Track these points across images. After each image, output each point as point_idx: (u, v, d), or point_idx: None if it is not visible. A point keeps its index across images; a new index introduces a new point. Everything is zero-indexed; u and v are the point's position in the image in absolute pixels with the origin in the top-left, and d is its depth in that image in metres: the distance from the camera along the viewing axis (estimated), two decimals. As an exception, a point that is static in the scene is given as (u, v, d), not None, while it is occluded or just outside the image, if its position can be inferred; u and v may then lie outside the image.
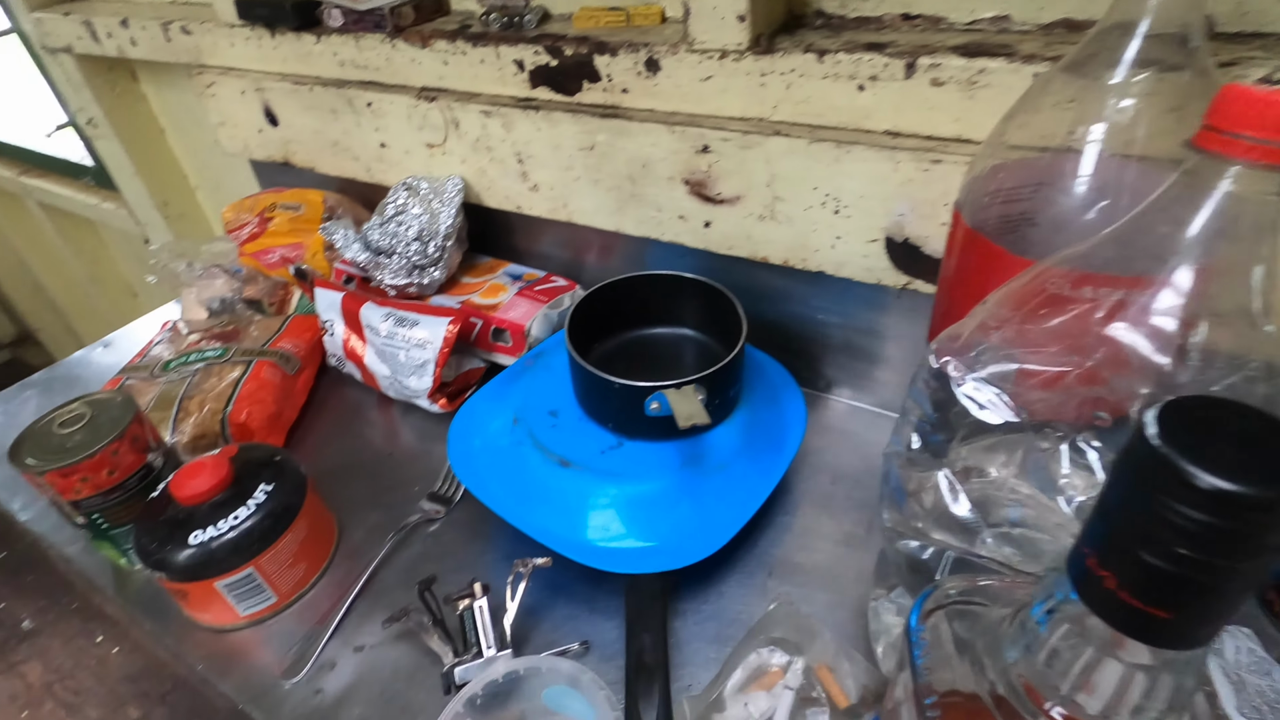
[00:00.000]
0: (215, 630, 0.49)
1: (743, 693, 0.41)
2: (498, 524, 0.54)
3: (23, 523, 0.61)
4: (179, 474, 0.47)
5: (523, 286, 0.67)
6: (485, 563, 0.52)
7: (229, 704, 0.46)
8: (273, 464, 0.50)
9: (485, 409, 0.55)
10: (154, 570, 0.46)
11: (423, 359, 0.61)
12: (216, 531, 0.46)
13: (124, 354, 0.79)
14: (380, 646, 0.47)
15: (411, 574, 0.52)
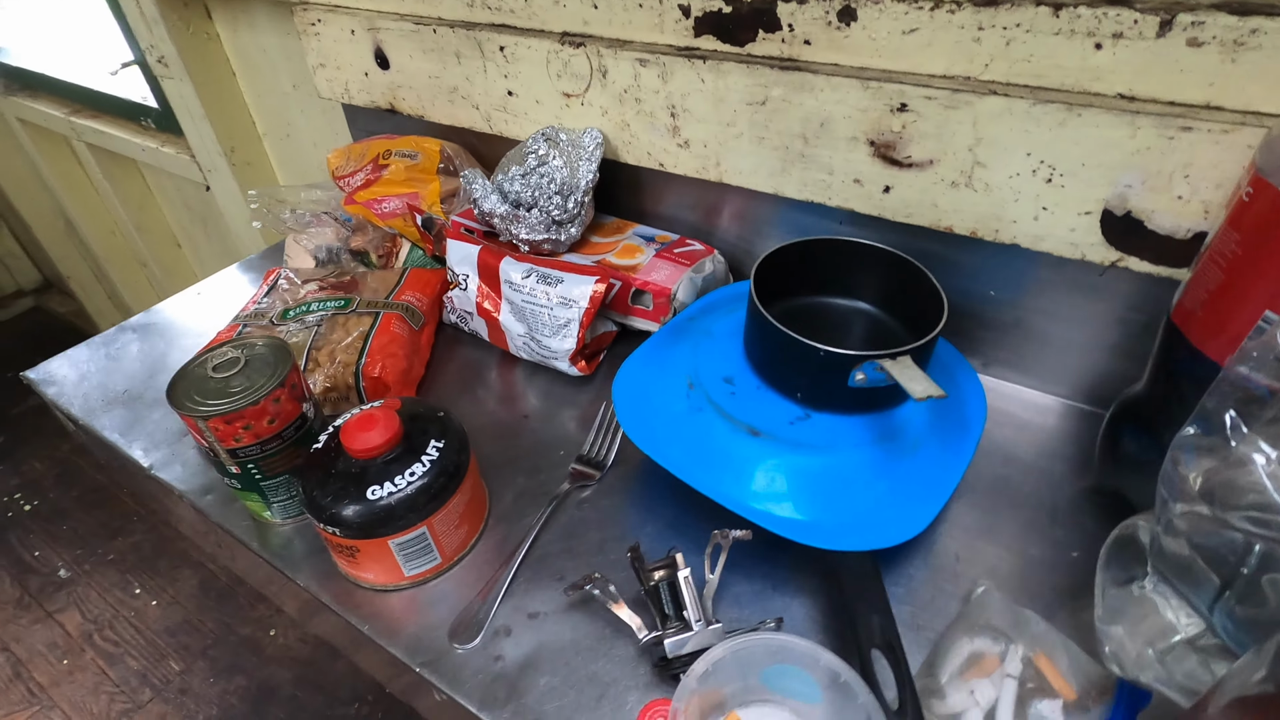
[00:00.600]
0: (375, 589, 0.47)
1: (963, 679, 0.39)
2: (657, 491, 0.52)
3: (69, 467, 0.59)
4: (349, 426, 0.45)
5: (659, 249, 0.64)
6: (647, 532, 0.50)
7: (280, 677, 0.44)
8: (438, 420, 0.48)
9: (649, 373, 0.52)
10: (326, 525, 0.43)
11: (566, 318, 0.58)
12: (394, 488, 0.43)
13: (218, 302, 0.76)
14: (556, 614, 0.45)
15: (570, 540, 0.50)
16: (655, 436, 0.48)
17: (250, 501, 0.51)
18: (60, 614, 1.59)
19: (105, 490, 1.87)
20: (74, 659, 1.50)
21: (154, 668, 1.48)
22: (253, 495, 0.50)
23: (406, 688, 0.47)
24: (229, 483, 0.50)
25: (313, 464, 0.46)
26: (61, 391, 0.66)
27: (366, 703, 1.40)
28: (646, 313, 0.62)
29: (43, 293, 2.59)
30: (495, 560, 0.49)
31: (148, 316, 0.74)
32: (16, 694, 1.45)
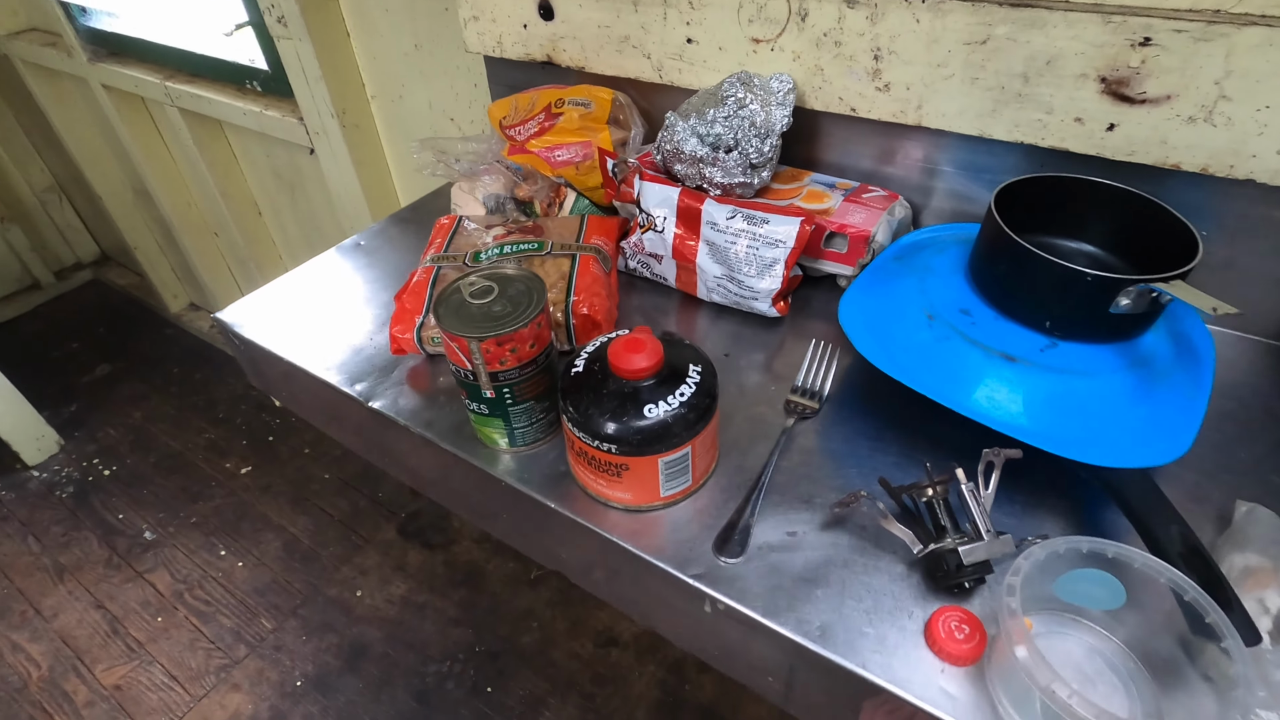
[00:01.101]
0: (626, 509, 0.49)
1: (1244, 591, 0.41)
2: (882, 421, 0.53)
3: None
4: (614, 349, 0.46)
5: (846, 194, 0.65)
6: (880, 461, 0.51)
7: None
8: (687, 346, 0.49)
9: (876, 306, 0.53)
10: (602, 443, 0.45)
11: (772, 258, 0.59)
12: (668, 407, 0.45)
13: (381, 252, 0.78)
14: (815, 532, 0.47)
15: (806, 468, 0.51)
16: (901, 365, 0.49)
17: (489, 429, 0.53)
18: (150, 574, 1.62)
19: (181, 456, 1.90)
20: (167, 617, 1.54)
21: (246, 626, 1.51)
22: (495, 422, 0.52)
23: (660, 601, 0.49)
24: (476, 409, 0.51)
25: (577, 387, 0.47)
26: (257, 331, 0.67)
27: (458, 660, 1.43)
28: (840, 256, 0.63)
29: (101, 266, 2.62)
30: (734, 486, 0.50)
31: (315, 265, 0.76)
32: (116, 649, 1.49)
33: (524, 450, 0.54)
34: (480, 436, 0.54)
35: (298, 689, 1.40)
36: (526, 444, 0.54)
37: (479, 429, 0.54)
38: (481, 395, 0.50)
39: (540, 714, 1.35)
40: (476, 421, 0.53)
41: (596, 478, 0.48)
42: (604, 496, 0.49)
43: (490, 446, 0.54)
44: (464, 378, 0.49)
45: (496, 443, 0.54)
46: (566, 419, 0.47)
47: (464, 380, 0.50)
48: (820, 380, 0.57)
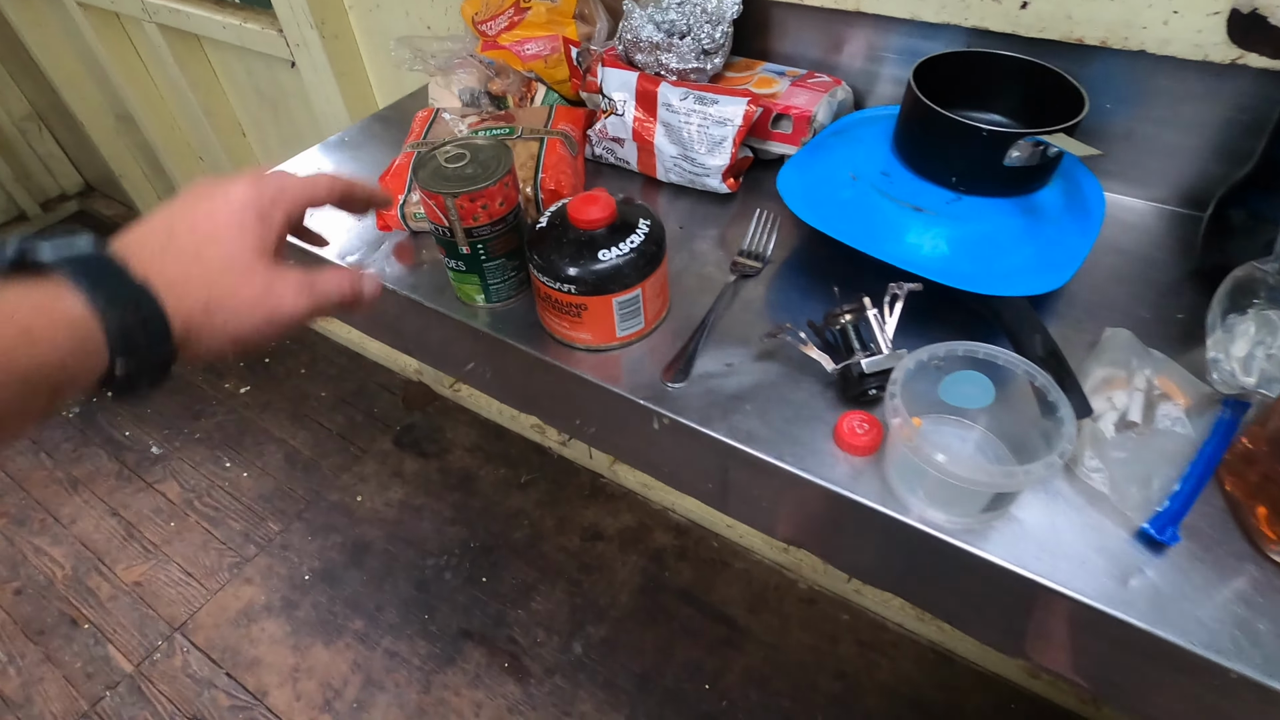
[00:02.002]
0: (588, 349, 0.56)
1: (1100, 394, 0.49)
2: (816, 274, 0.61)
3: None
4: (574, 204, 0.52)
5: (793, 80, 0.70)
6: (812, 307, 0.58)
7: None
8: (637, 205, 0.56)
9: (809, 172, 0.60)
10: (562, 284, 0.52)
11: (721, 136, 0.65)
12: (620, 252, 0.52)
13: (364, 149, 0.83)
14: (748, 362, 0.54)
15: (745, 315, 0.58)
16: (825, 218, 0.55)
17: (466, 285, 0.59)
18: (159, 484, 1.72)
19: (180, 378, 1.97)
20: (179, 522, 1.64)
21: (254, 528, 1.62)
22: (472, 278, 0.58)
23: (616, 426, 0.57)
24: (454, 266, 0.58)
25: (541, 239, 0.54)
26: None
27: (454, 554, 1.54)
28: (785, 136, 0.69)
29: (86, 196, 2.63)
30: (683, 331, 0.58)
31: (301, 160, 0.81)
32: (133, 550, 1.59)
33: (499, 306, 0.61)
34: (460, 295, 0.61)
35: (306, 581, 1.52)
36: (501, 300, 0.60)
37: (458, 287, 0.60)
38: (458, 251, 0.56)
39: (531, 598, 1.47)
40: (455, 279, 0.60)
41: (560, 319, 0.55)
42: (567, 339, 0.56)
43: (469, 304, 0.61)
44: (442, 235, 0.56)
45: (474, 299, 0.60)
46: (533, 267, 0.54)
47: (442, 238, 0.56)
48: (763, 245, 0.63)
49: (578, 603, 1.46)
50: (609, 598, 1.46)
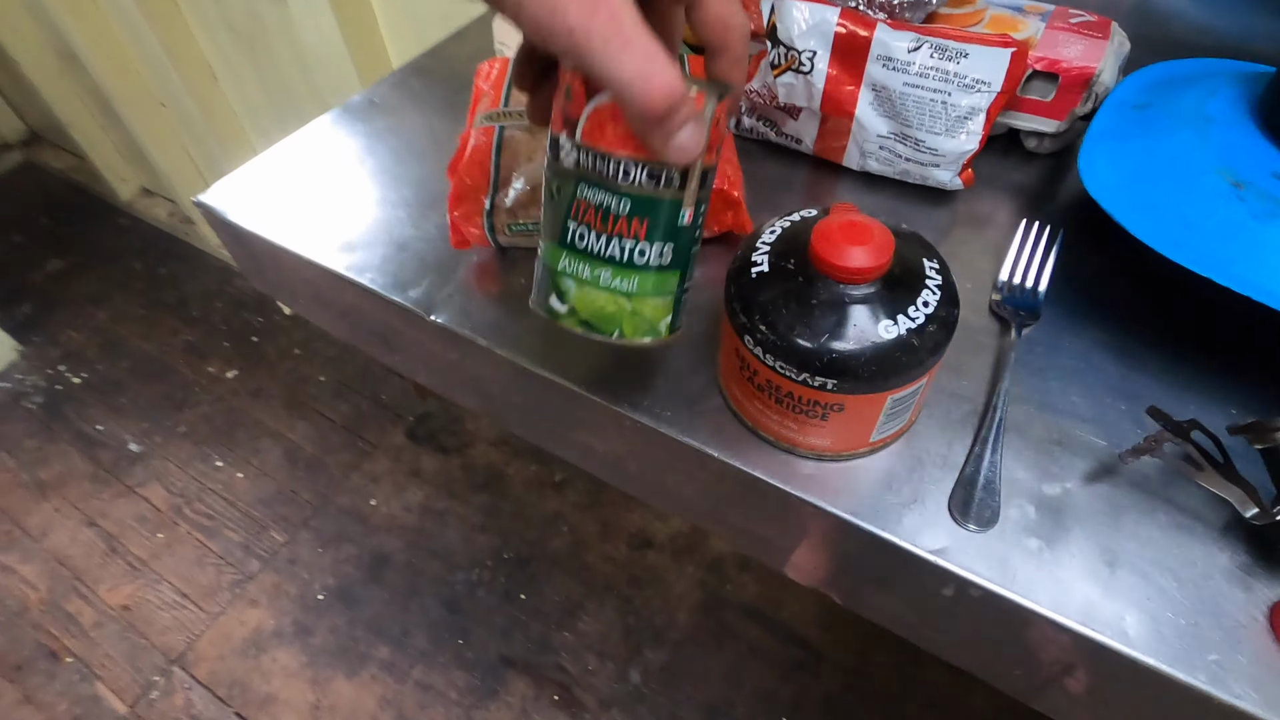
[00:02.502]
0: (812, 456, 0.36)
1: None
2: (1126, 329, 0.40)
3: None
4: (823, 238, 0.31)
5: (1045, 19, 0.48)
6: (1140, 386, 0.39)
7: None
8: (910, 236, 0.35)
9: (1144, 169, 0.39)
10: (813, 377, 0.31)
11: (969, 107, 0.43)
12: (910, 322, 0.31)
13: (401, 106, 0.59)
14: (1079, 488, 0.35)
15: (1039, 395, 0.38)
16: (1199, 255, 0.35)
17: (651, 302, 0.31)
18: (142, 488, 1.51)
19: (157, 360, 1.73)
20: (168, 532, 1.44)
21: (255, 539, 1.42)
22: (668, 282, 0.31)
23: (867, 584, 0.37)
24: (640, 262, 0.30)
25: (766, 292, 0.32)
26: (259, 220, 0.50)
27: (486, 568, 1.37)
28: (1041, 106, 0.47)
29: (32, 146, 2.31)
30: (952, 421, 0.38)
31: (318, 129, 0.58)
32: (116, 568, 1.39)
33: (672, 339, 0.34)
34: (624, 327, 0.32)
35: (320, 602, 1.34)
36: (680, 327, 0.34)
37: (632, 307, 0.31)
38: (675, 224, 0.30)
39: (578, 618, 1.30)
40: (630, 292, 0.31)
41: (784, 419, 0.35)
42: (788, 442, 0.36)
43: (632, 341, 0.32)
44: (644, 187, 0.29)
45: (654, 328, 0.32)
46: (750, 338, 0.33)
47: (645, 197, 0.29)
48: (1035, 275, 0.43)
49: (631, 623, 1.30)
50: (665, 616, 1.30)
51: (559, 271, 0.31)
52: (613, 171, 0.28)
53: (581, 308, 0.31)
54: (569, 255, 0.31)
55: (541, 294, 0.32)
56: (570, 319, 0.32)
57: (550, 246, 0.32)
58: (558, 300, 0.32)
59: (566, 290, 0.31)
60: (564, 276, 0.31)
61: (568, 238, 0.30)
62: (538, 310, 0.33)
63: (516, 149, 0.47)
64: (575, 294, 0.31)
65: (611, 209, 0.29)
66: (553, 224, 0.31)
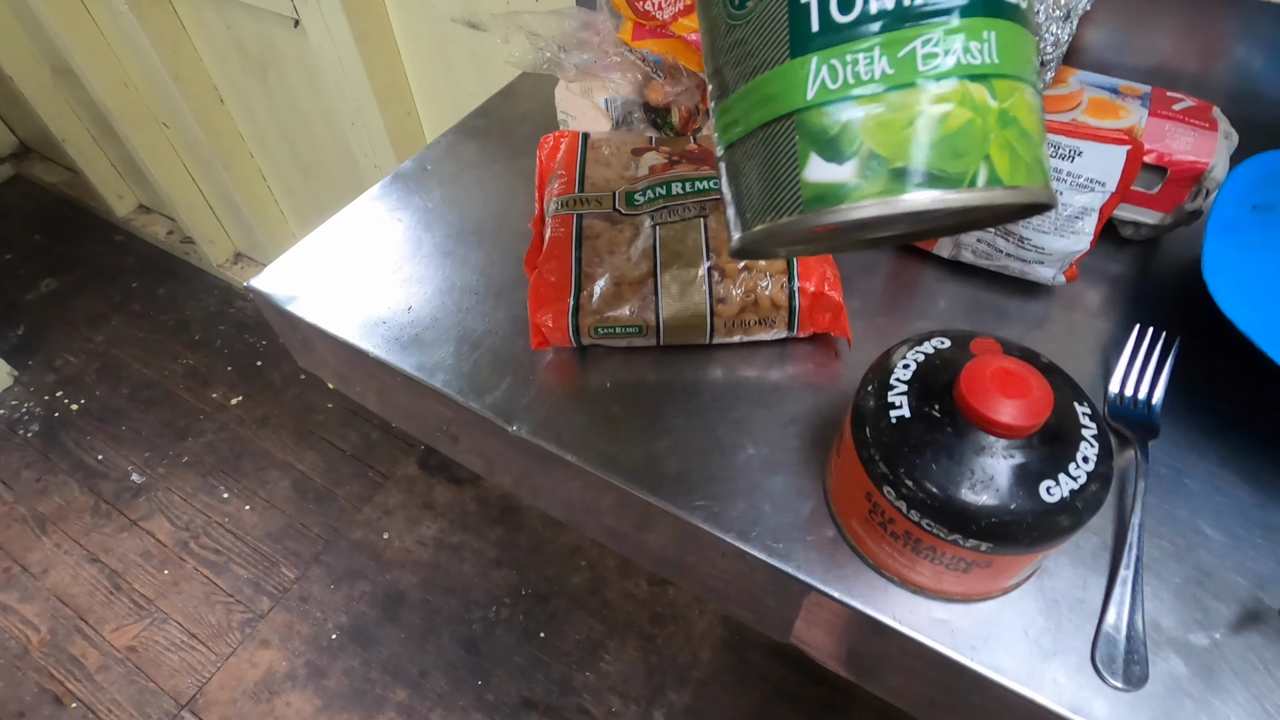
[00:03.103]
0: (939, 599, 0.34)
1: None
2: (1253, 450, 0.39)
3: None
4: (975, 387, 0.29)
5: (1145, 104, 0.46)
6: (1276, 513, 0.37)
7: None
8: (1057, 373, 0.32)
9: (1268, 276, 0.37)
10: (968, 539, 0.29)
11: (1081, 207, 0.41)
12: (1073, 482, 0.29)
13: (454, 170, 0.57)
14: (1228, 637, 0.33)
15: (1167, 525, 0.36)
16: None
17: (1024, 101, 0.18)
18: (146, 521, 1.46)
19: (158, 386, 1.69)
20: (174, 569, 1.40)
21: (265, 576, 1.39)
22: (1030, 46, 0.18)
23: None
24: None
25: (911, 443, 0.30)
26: (310, 305, 0.48)
27: (504, 605, 1.34)
28: (1144, 197, 0.45)
29: (22, 159, 2.24)
30: (1080, 554, 0.36)
31: (368, 204, 0.55)
32: (122, 606, 1.35)
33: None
34: (975, 154, 0.16)
35: (334, 642, 1.30)
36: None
37: (996, 105, 0.17)
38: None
39: (599, 658, 1.28)
40: (983, 74, 0.17)
41: (918, 566, 0.32)
42: (916, 586, 0.34)
43: (1008, 188, 0.17)
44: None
45: (1036, 159, 0.18)
46: (891, 490, 0.30)
47: None
48: (1149, 386, 0.41)
49: (653, 662, 1.27)
50: (689, 655, 1.28)
51: (812, 105, 0.16)
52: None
53: (889, 144, 0.16)
54: (825, 55, 0.16)
55: (768, 191, 0.17)
56: (871, 181, 0.16)
57: (767, 80, 0.17)
58: (826, 164, 0.16)
59: (841, 132, 0.16)
60: (827, 105, 0.16)
61: (810, 21, 0.16)
62: (766, 225, 0.18)
63: (597, 241, 0.44)
64: (865, 124, 0.16)
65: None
66: (759, 37, 0.17)
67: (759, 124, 0.17)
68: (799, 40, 0.16)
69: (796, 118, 0.17)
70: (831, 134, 0.16)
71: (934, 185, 0.16)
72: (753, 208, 0.18)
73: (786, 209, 0.17)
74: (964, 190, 0.16)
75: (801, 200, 0.17)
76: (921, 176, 0.16)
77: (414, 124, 1.07)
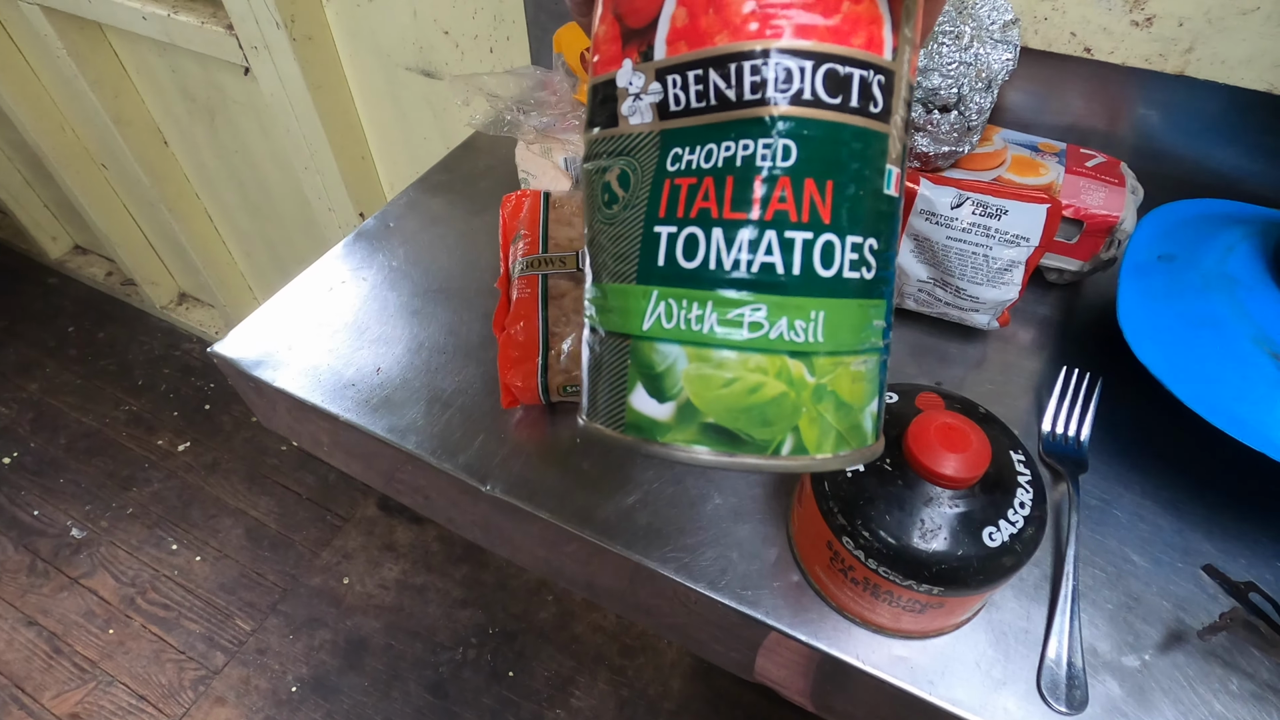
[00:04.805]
0: (888, 634, 0.36)
1: None
2: (1172, 482, 0.42)
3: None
4: (920, 443, 0.32)
5: (1061, 161, 0.51)
6: (1194, 542, 0.40)
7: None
8: (993, 422, 0.35)
9: (1180, 333, 0.41)
10: (921, 584, 0.31)
11: (1009, 260, 0.45)
12: (1011, 526, 0.32)
13: (414, 239, 0.58)
14: (1157, 659, 0.36)
15: (1099, 556, 0.40)
16: (1243, 424, 0.37)
17: (847, 372, 0.18)
18: (87, 579, 1.40)
19: (99, 435, 1.62)
20: (120, 628, 1.34)
21: (219, 629, 1.34)
22: (872, 317, 0.18)
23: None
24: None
25: (867, 497, 0.33)
26: (274, 370, 0.48)
27: (471, 645, 1.32)
28: (1064, 246, 0.50)
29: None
30: (1019, 589, 0.38)
31: (332, 263, 0.55)
32: (62, 672, 1.29)
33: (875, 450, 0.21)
34: (781, 425, 0.17)
35: (294, 695, 1.26)
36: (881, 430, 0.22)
37: (813, 381, 0.17)
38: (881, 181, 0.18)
39: (570, 694, 1.27)
40: (804, 350, 0.17)
41: (877, 608, 0.35)
42: (876, 626, 0.36)
43: (811, 456, 0.18)
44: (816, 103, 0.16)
45: (856, 425, 0.19)
46: (850, 541, 0.33)
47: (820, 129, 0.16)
48: (1077, 424, 0.45)
49: (624, 695, 1.27)
50: (659, 686, 1.29)
51: (646, 336, 0.17)
52: (751, 85, 0.15)
53: (704, 398, 0.16)
54: (666, 296, 0.17)
55: (606, 396, 0.18)
56: (682, 428, 0.17)
57: (623, 292, 0.17)
58: (649, 398, 0.17)
59: (665, 371, 0.17)
60: (659, 342, 0.17)
61: (658, 255, 0.17)
62: (598, 428, 0.19)
63: (563, 300, 0.46)
64: (687, 372, 0.17)
65: (754, 165, 0.16)
66: (616, 248, 0.18)
67: (607, 329, 0.18)
68: (645, 268, 0.17)
69: (632, 343, 0.17)
70: (658, 371, 0.17)
71: (739, 449, 0.16)
72: (592, 403, 0.19)
73: (614, 424, 0.18)
74: (767, 457, 0.17)
75: (625, 424, 0.17)
76: (729, 438, 0.16)
77: (369, 168, 1.07)
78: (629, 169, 0.17)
